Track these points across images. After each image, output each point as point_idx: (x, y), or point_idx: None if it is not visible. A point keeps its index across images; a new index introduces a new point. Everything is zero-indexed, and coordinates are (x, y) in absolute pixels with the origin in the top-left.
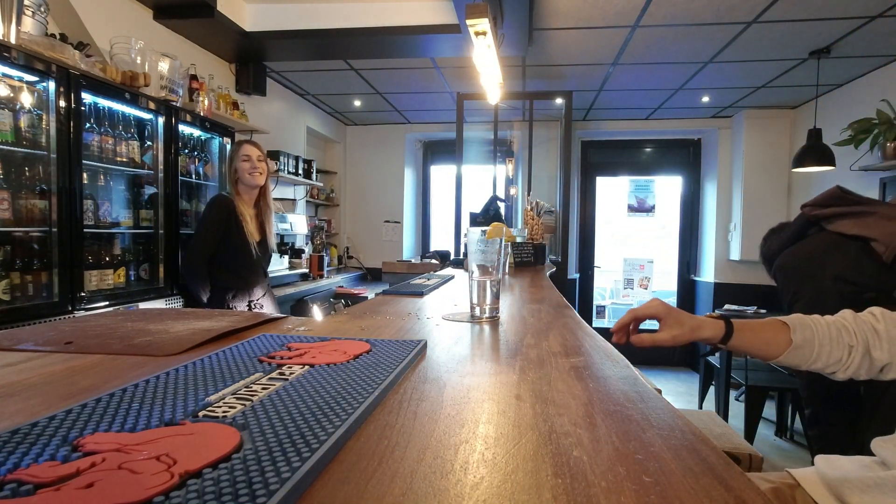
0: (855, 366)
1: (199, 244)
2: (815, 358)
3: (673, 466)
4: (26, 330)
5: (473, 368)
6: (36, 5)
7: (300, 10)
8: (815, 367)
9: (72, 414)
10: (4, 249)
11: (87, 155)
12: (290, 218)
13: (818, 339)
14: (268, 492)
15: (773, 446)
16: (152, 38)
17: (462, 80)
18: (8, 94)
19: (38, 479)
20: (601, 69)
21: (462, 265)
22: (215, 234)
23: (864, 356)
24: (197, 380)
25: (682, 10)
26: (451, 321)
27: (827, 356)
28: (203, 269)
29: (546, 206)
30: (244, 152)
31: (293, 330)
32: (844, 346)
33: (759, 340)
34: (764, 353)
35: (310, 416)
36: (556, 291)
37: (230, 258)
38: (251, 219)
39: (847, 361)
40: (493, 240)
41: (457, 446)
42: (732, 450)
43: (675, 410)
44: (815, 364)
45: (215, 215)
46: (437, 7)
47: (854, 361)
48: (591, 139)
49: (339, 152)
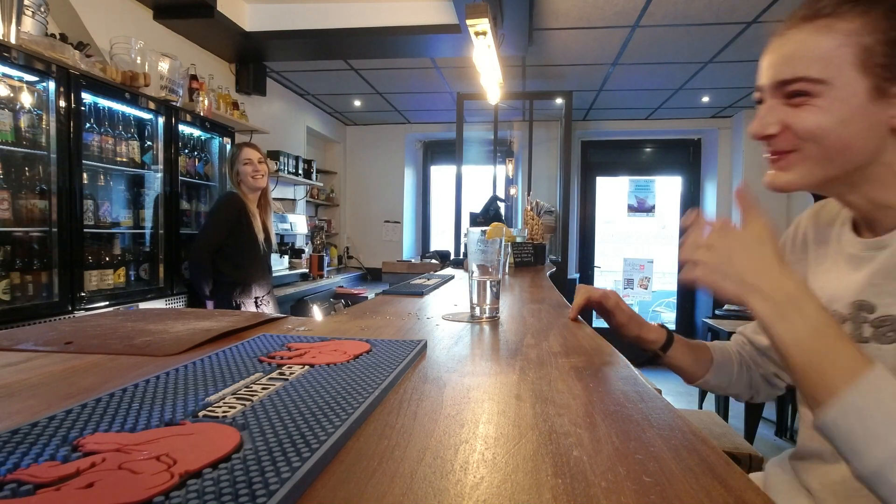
0: (760, 386)
1: (207, 237)
2: (730, 383)
3: (673, 466)
4: (26, 330)
5: (473, 368)
6: (36, 5)
7: (300, 10)
8: (732, 393)
9: (72, 414)
10: (4, 249)
11: (87, 155)
12: (290, 218)
13: (734, 365)
14: (268, 492)
15: (773, 446)
16: (152, 38)
17: (462, 80)
18: (8, 94)
19: (38, 479)
20: (601, 69)
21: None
22: (224, 229)
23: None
24: (197, 380)
25: (682, 10)
26: (452, 321)
27: (738, 381)
28: (208, 261)
29: (546, 206)
30: (245, 156)
31: (293, 330)
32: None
33: (690, 357)
34: (693, 370)
35: (310, 416)
36: (556, 291)
37: (239, 254)
38: (257, 216)
39: (749, 383)
40: (493, 240)
41: (457, 446)
42: (732, 450)
43: (675, 410)
44: (730, 389)
45: (226, 212)
46: (437, 7)
47: (756, 382)
48: (591, 139)
49: (339, 152)
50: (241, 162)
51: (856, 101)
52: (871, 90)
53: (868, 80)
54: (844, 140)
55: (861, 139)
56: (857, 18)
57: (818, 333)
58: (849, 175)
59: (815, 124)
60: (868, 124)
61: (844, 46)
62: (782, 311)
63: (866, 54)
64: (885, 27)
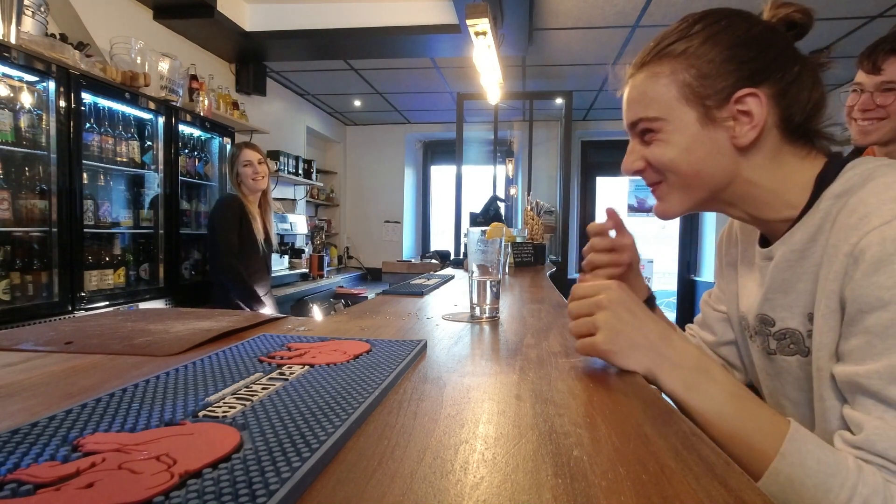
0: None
1: (225, 247)
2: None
3: (673, 466)
4: (26, 330)
5: (473, 368)
6: (36, 5)
7: (300, 10)
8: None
9: (72, 414)
10: (4, 249)
11: (87, 155)
12: (290, 218)
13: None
14: (268, 492)
15: None
16: (152, 38)
17: (462, 80)
18: (8, 94)
19: (38, 479)
20: (601, 69)
21: (462, 265)
22: (234, 233)
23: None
24: (197, 380)
25: (682, 10)
26: (452, 321)
27: None
28: (238, 266)
29: (546, 206)
30: (245, 158)
31: (293, 330)
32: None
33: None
34: None
35: (310, 416)
36: (556, 291)
37: (240, 256)
38: (258, 217)
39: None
40: (493, 240)
41: (457, 446)
42: None
43: (675, 410)
44: None
45: (230, 215)
46: (437, 7)
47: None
48: (591, 139)
49: (339, 152)
50: (241, 163)
51: (691, 130)
52: (699, 118)
53: (694, 109)
54: (694, 166)
55: (709, 163)
56: (672, 61)
57: (735, 398)
58: (718, 195)
59: (665, 156)
60: (709, 148)
61: (669, 85)
62: (695, 379)
63: (687, 89)
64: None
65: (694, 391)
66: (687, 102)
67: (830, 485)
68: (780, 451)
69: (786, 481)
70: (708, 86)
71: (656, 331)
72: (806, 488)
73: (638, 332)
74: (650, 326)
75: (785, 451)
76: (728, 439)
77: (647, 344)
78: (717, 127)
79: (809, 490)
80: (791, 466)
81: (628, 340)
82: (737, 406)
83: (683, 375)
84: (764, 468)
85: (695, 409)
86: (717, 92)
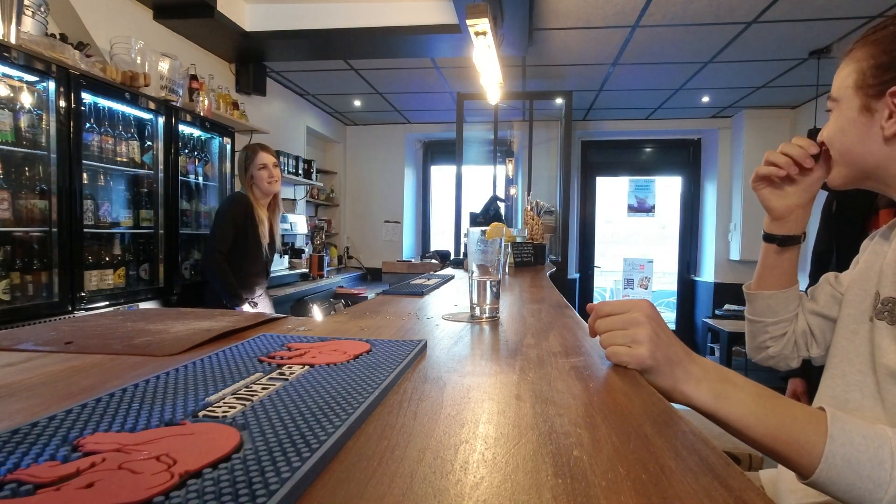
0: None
1: (217, 240)
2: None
3: (673, 466)
4: (26, 330)
5: (473, 368)
6: (36, 5)
7: (300, 10)
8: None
9: (72, 414)
10: (4, 249)
11: (87, 155)
12: (290, 218)
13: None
14: (268, 492)
15: None
16: (152, 38)
17: (462, 80)
18: (8, 94)
19: (38, 479)
20: (601, 69)
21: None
22: (233, 229)
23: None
24: (197, 380)
25: (681, 10)
26: (452, 321)
27: (792, 318)
28: (222, 261)
29: (546, 206)
30: (260, 161)
31: (293, 330)
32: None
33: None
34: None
35: (310, 416)
36: (556, 291)
37: (240, 258)
38: (265, 221)
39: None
40: (493, 240)
41: (457, 446)
42: (732, 450)
43: (675, 410)
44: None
45: (234, 212)
46: (437, 7)
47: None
48: (591, 139)
49: (339, 152)
50: (256, 166)
51: (850, 114)
52: (861, 106)
53: (860, 98)
54: (845, 145)
55: (858, 146)
56: (860, 50)
57: (762, 398)
58: (866, 175)
59: (825, 132)
60: (860, 134)
61: (852, 73)
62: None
63: (862, 77)
64: (876, 53)
65: (723, 400)
66: (857, 90)
67: (882, 456)
68: (829, 435)
69: (843, 462)
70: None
71: (683, 348)
72: (861, 465)
73: (672, 349)
74: (679, 344)
75: (833, 433)
76: (771, 439)
77: (677, 360)
78: (871, 115)
79: (865, 465)
80: (843, 446)
81: (665, 356)
82: (767, 406)
83: (710, 387)
84: (815, 457)
85: (728, 417)
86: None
